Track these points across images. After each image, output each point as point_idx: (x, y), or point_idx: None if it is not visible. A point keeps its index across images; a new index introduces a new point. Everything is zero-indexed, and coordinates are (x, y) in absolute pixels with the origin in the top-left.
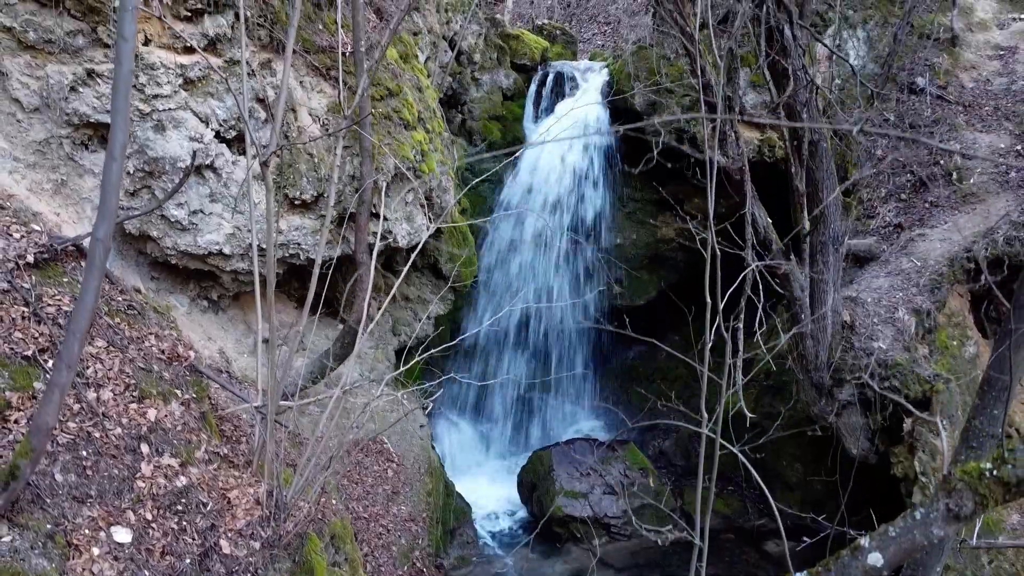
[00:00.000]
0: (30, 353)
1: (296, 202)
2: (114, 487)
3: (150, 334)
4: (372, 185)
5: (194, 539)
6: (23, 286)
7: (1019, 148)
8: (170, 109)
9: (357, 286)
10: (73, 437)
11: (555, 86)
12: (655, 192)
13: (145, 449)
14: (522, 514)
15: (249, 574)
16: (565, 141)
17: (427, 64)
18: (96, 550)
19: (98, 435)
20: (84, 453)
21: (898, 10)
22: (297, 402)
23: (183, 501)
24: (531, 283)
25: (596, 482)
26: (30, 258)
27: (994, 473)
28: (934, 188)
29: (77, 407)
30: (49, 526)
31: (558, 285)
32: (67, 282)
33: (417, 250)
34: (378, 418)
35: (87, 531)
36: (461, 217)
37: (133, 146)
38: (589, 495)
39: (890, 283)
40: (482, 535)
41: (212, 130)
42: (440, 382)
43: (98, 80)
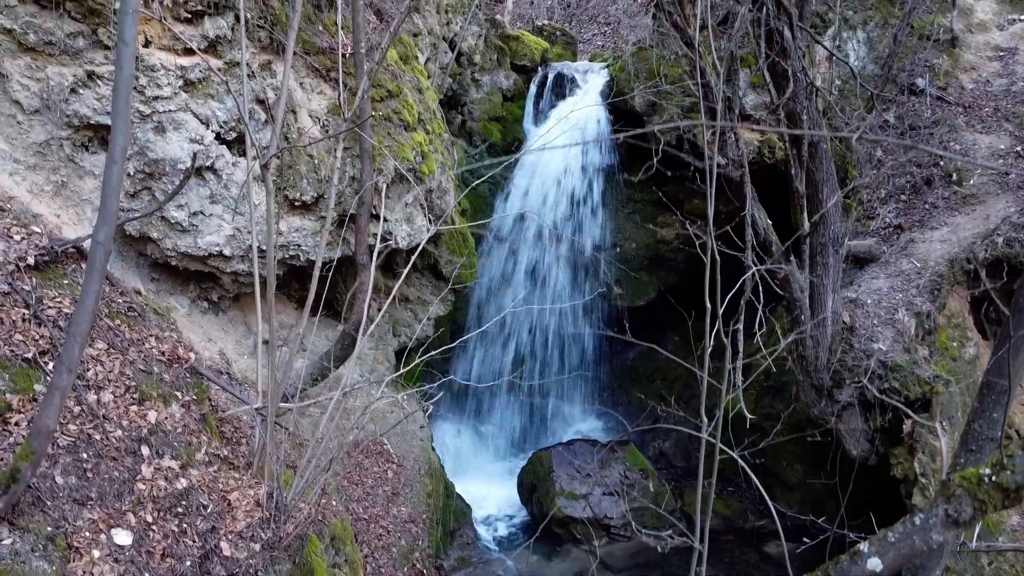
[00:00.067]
0: (31, 355)
1: (296, 203)
2: (115, 489)
3: (150, 336)
4: (372, 186)
5: (194, 541)
6: (24, 288)
7: (1019, 149)
8: (170, 111)
9: (357, 287)
10: (74, 439)
11: (555, 87)
12: (654, 193)
13: (145, 451)
14: (522, 515)
15: None
16: (562, 155)
17: (427, 65)
18: (96, 552)
19: (99, 437)
20: (85, 455)
21: (898, 11)
22: (297, 404)
23: (183, 503)
24: (525, 324)
25: (596, 483)
26: (31, 260)
27: (993, 479)
28: (934, 189)
29: (78, 409)
30: (50, 528)
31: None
32: (67, 284)
33: (417, 251)
34: (378, 419)
35: (88, 533)
36: (462, 219)
37: (133, 148)
38: (589, 496)
39: (890, 284)
40: (482, 536)
41: (212, 132)
42: (440, 384)
43: (98, 82)
